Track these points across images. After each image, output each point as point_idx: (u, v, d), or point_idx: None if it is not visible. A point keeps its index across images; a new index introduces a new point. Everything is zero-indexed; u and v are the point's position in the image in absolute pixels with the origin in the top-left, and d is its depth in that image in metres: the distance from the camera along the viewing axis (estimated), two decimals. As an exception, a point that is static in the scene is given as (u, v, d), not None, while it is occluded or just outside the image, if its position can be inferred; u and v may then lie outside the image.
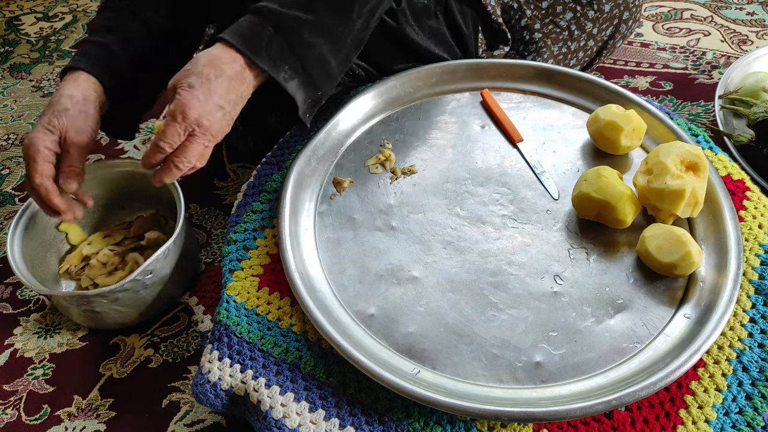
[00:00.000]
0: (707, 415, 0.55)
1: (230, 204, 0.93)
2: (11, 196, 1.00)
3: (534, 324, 0.61)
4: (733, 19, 1.24)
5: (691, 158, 0.65)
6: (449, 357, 0.59)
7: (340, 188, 0.75)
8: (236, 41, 0.61)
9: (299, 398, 0.57)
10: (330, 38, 0.66)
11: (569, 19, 0.94)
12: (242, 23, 0.62)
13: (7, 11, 1.48)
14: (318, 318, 0.60)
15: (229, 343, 0.62)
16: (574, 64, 0.99)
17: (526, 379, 0.58)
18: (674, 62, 1.13)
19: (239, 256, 0.69)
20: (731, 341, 0.59)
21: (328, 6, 0.64)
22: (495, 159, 0.77)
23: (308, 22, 0.63)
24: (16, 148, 1.09)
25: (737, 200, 0.70)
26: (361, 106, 0.82)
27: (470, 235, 0.69)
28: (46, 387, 0.74)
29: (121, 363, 0.75)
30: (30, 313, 0.82)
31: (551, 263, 0.66)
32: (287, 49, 0.63)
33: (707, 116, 1.02)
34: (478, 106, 0.84)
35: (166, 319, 0.79)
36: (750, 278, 0.63)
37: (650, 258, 0.63)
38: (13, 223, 0.76)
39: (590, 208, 0.67)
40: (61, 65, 1.28)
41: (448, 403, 0.53)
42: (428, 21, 0.88)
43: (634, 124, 0.72)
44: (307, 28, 0.63)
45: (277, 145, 0.81)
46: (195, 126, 0.59)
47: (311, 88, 0.67)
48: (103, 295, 0.69)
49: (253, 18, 0.63)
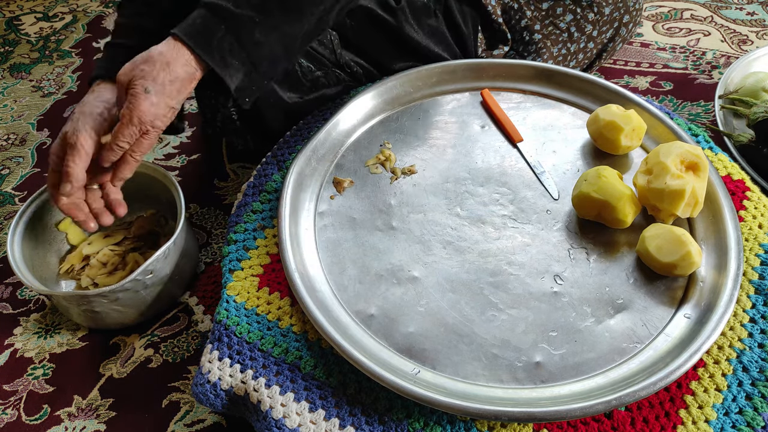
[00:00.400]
0: (707, 415, 0.55)
1: (230, 204, 0.93)
2: (11, 196, 1.00)
3: (534, 324, 0.61)
4: (733, 19, 1.24)
5: (691, 158, 0.65)
6: (449, 357, 0.59)
7: (340, 188, 0.75)
8: (189, 40, 0.63)
9: (299, 398, 0.57)
10: (281, 36, 0.67)
11: (569, 21, 0.94)
12: (196, 20, 0.64)
13: (7, 11, 1.48)
14: (318, 318, 0.60)
15: (229, 343, 0.62)
16: (574, 65, 0.99)
17: (526, 379, 0.58)
18: (674, 62, 1.13)
19: (239, 256, 0.69)
20: (731, 341, 0.59)
21: (280, 8, 0.66)
22: (495, 159, 0.77)
23: (260, 22, 0.65)
24: (16, 147, 1.09)
25: (737, 200, 0.70)
26: (361, 106, 0.82)
27: (470, 235, 0.69)
28: (46, 387, 0.74)
29: (121, 363, 0.75)
30: (30, 313, 0.82)
31: (551, 263, 0.66)
32: (237, 46, 0.65)
33: (707, 116, 1.02)
34: (478, 106, 0.84)
35: (166, 319, 0.79)
36: (750, 278, 0.63)
37: (650, 258, 0.63)
38: (13, 223, 0.76)
39: (590, 208, 0.67)
40: (62, 65, 1.28)
41: (448, 403, 0.53)
42: (428, 20, 0.88)
43: (634, 124, 0.72)
44: (258, 28, 0.65)
45: (277, 145, 0.81)
46: (149, 127, 0.63)
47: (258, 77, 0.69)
48: (103, 295, 0.69)
49: (206, 15, 0.64)
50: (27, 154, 1.08)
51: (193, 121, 1.10)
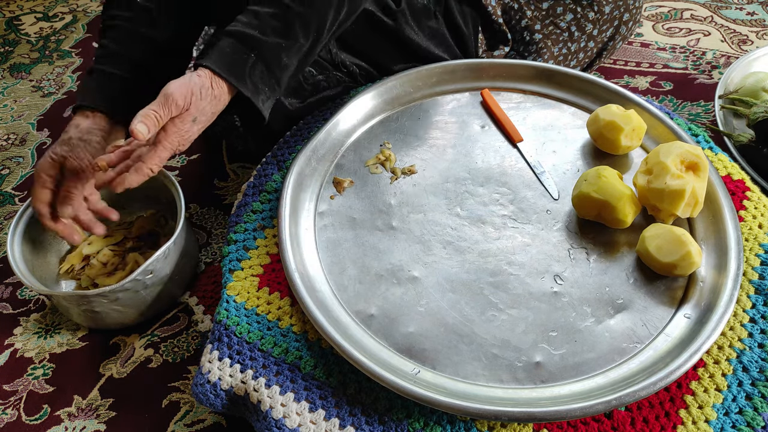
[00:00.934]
0: (707, 415, 0.55)
1: (230, 204, 0.93)
2: (11, 196, 1.00)
3: (534, 324, 0.61)
4: (733, 19, 1.24)
5: (691, 158, 0.65)
6: (449, 357, 0.59)
7: (340, 188, 0.75)
8: (226, 72, 0.64)
9: (299, 398, 0.57)
10: (303, 56, 0.70)
11: (569, 21, 0.94)
12: (225, 50, 0.65)
13: (7, 11, 1.48)
14: (318, 318, 0.60)
15: (229, 343, 0.62)
16: (575, 65, 0.99)
17: (526, 379, 0.58)
18: (674, 62, 1.13)
19: (239, 256, 0.69)
20: (731, 341, 0.59)
21: (304, 31, 0.68)
22: (495, 159, 0.77)
23: (286, 47, 0.67)
24: (16, 147, 1.09)
25: (737, 200, 0.70)
26: (361, 106, 0.82)
27: (470, 235, 0.69)
28: (46, 387, 0.74)
29: (121, 363, 0.75)
30: (30, 313, 0.82)
31: (551, 263, 0.66)
32: (267, 73, 0.67)
33: (707, 116, 1.02)
34: (478, 106, 0.84)
35: (166, 319, 0.79)
36: (750, 278, 0.63)
37: (650, 258, 0.63)
38: (13, 223, 0.76)
39: (590, 208, 0.67)
40: (62, 65, 1.28)
41: (448, 403, 0.53)
42: (428, 21, 0.88)
43: (634, 124, 0.72)
44: (284, 52, 0.67)
45: (277, 145, 0.81)
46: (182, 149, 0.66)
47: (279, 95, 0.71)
48: (103, 295, 0.69)
49: (235, 44, 0.65)
50: (27, 154, 1.08)
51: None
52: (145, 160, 0.62)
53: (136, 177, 0.62)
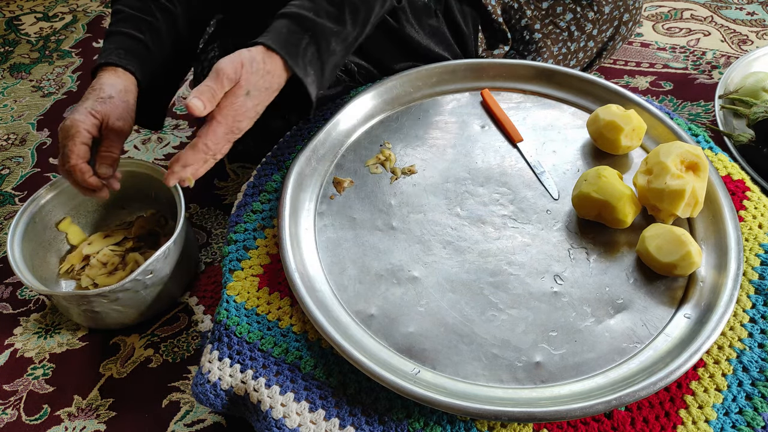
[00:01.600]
0: (707, 415, 0.55)
1: (230, 204, 0.93)
2: (11, 196, 1.00)
3: (534, 324, 0.61)
4: (733, 19, 1.24)
5: (691, 158, 0.65)
6: (449, 357, 0.59)
7: (340, 188, 0.75)
8: (282, 50, 0.64)
9: (299, 398, 0.57)
10: (347, 45, 0.71)
11: (569, 20, 0.94)
12: (281, 30, 0.65)
13: (7, 11, 1.48)
14: (318, 318, 0.60)
15: (229, 343, 0.62)
16: (574, 65, 0.99)
17: (526, 379, 0.58)
18: (674, 62, 1.13)
19: (239, 256, 0.69)
20: (731, 341, 0.59)
21: (353, 18, 0.69)
22: (495, 159, 0.77)
23: (336, 32, 0.68)
24: (16, 147, 1.09)
25: (737, 200, 0.70)
26: (361, 106, 0.82)
27: (470, 235, 0.69)
28: (46, 387, 0.74)
29: (121, 363, 0.75)
30: (30, 313, 0.82)
31: (551, 263, 0.66)
32: (316, 56, 0.67)
33: (707, 116, 1.02)
34: (478, 106, 0.84)
35: (166, 319, 0.79)
36: (750, 278, 0.63)
37: (650, 258, 0.63)
38: (13, 223, 0.76)
39: (590, 208, 0.67)
40: (62, 65, 1.28)
41: (448, 403, 0.53)
42: (428, 20, 0.88)
43: (634, 124, 0.72)
44: (334, 38, 0.68)
45: (277, 145, 0.81)
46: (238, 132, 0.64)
47: (320, 88, 0.71)
48: (103, 295, 0.69)
49: (291, 25, 0.66)
50: (27, 154, 1.08)
51: (193, 121, 1.10)
52: (200, 135, 0.61)
53: (192, 154, 0.61)
